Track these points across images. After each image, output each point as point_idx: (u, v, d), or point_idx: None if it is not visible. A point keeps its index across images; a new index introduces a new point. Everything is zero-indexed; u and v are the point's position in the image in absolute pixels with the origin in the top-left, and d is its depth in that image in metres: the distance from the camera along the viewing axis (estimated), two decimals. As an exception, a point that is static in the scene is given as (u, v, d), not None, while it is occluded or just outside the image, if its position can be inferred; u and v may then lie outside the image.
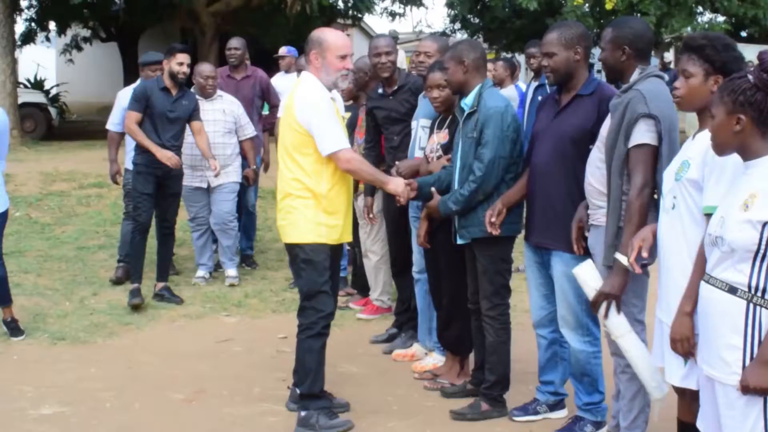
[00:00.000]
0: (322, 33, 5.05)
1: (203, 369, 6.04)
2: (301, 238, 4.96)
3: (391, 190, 5.11)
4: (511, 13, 20.60)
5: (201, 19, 17.37)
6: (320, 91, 4.93)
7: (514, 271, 8.34)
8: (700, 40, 3.68)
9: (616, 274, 4.15)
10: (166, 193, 7.68)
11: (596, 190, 4.42)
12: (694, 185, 3.56)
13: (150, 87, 7.57)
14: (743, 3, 19.00)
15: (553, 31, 4.79)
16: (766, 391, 3.08)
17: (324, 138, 4.84)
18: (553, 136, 4.76)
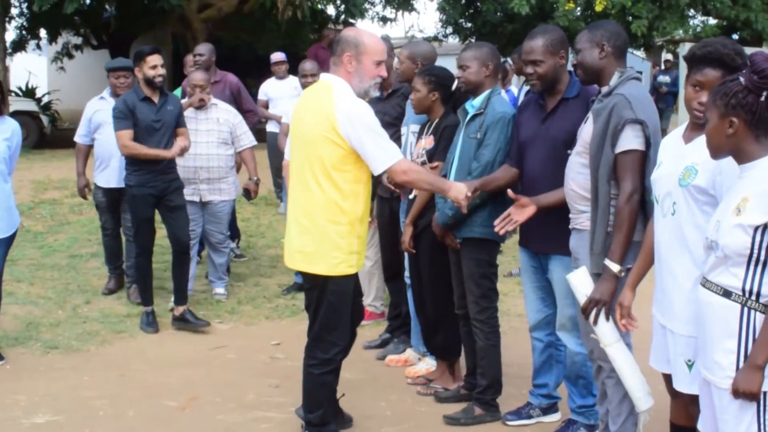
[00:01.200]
0: (358, 34, 4.59)
1: (196, 376, 6.04)
2: (334, 270, 4.51)
3: (453, 197, 4.64)
4: (502, 17, 20.61)
5: (192, 25, 17.37)
6: (361, 101, 4.49)
7: (506, 275, 8.44)
8: (723, 49, 3.62)
9: (606, 280, 4.15)
10: (171, 208, 7.08)
11: (578, 195, 4.41)
12: (701, 192, 3.55)
13: (130, 100, 6.94)
14: (735, 5, 19.05)
15: (536, 38, 4.75)
16: (756, 395, 3.10)
17: (376, 153, 4.39)
18: (546, 142, 4.77)
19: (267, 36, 18.46)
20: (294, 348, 6.60)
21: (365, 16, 20.84)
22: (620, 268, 4.12)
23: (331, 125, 4.35)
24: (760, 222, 3.09)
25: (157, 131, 6.98)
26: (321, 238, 4.48)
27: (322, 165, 4.42)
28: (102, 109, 7.71)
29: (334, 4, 19.54)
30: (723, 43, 3.68)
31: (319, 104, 4.46)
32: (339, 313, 4.61)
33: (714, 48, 3.65)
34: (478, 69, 5.10)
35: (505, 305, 7.42)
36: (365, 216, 4.61)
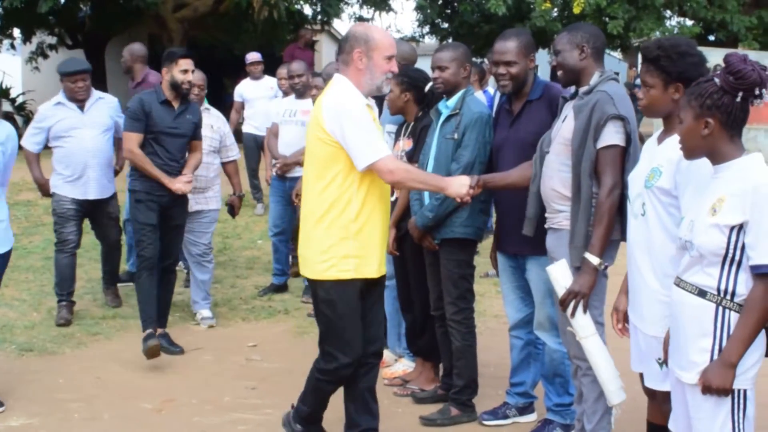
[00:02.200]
0: (368, 30, 4.41)
1: (172, 378, 6.02)
2: (321, 273, 4.28)
3: (453, 194, 4.41)
4: (480, 18, 20.68)
5: (168, 25, 17.29)
6: (353, 96, 4.27)
7: (483, 276, 8.46)
8: (655, 51, 3.70)
9: (585, 273, 4.18)
10: (170, 225, 6.61)
11: (558, 194, 4.43)
12: (665, 193, 3.59)
13: (148, 101, 6.41)
14: (711, 7, 19.19)
15: (509, 39, 4.82)
16: (727, 392, 3.13)
17: (359, 148, 4.15)
18: (514, 145, 4.83)
19: (244, 36, 18.42)
20: (270, 350, 6.63)
21: (341, 16, 20.82)
22: (600, 261, 4.16)
23: (319, 123, 4.23)
24: (735, 222, 3.11)
25: (171, 139, 6.49)
26: (312, 239, 4.30)
27: (314, 164, 4.29)
28: (66, 117, 7.13)
29: (310, 5, 19.50)
30: (667, 45, 3.73)
31: (316, 105, 4.38)
32: (334, 323, 4.32)
33: (650, 48, 3.74)
34: (456, 70, 5.13)
35: (482, 306, 7.44)
36: (369, 219, 4.29)
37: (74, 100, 7.13)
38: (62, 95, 7.20)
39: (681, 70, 3.64)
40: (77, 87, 7.06)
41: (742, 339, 3.12)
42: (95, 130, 7.17)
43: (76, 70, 7.11)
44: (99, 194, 7.22)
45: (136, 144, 6.36)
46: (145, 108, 6.37)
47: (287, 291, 8.29)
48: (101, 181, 7.19)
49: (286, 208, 8.06)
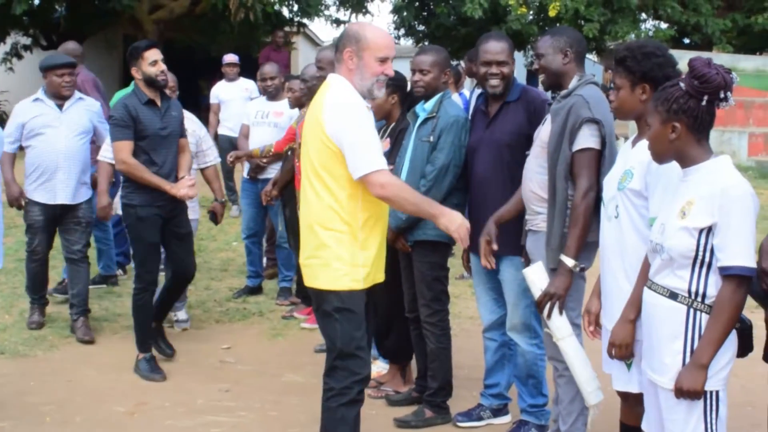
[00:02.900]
0: (361, 28, 4.16)
1: (145, 381, 5.97)
2: (336, 283, 4.01)
3: (443, 226, 4.01)
4: (456, 21, 20.75)
5: (144, 26, 17.21)
6: (355, 98, 4.05)
7: (458, 278, 8.45)
8: (622, 52, 3.74)
9: (561, 275, 4.21)
10: (178, 235, 6.22)
11: (536, 196, 4.45)
12: (637, 195, 3.62)
13: (131, 104, 5.95)
14: (686, 10, 19.34)
15: (501, 40, 4.90)
16: (699, 394, 3.14)
17: (356, 156, 3.91)
18: (489, 146, 4.85)
19: (220, 38, 18.36)
20: (244, 352, 6.60)
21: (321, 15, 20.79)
22: (575, 263, 4.18)
23: (320, 126, 3.98)
24: (704, 224, 3.13)
25: (164, 140, 6.07)
26: (321, 247, 4.02)
27: (314, 167, 4.04)
28: (42, 113, 6.76)
29: (287, 6, 19.46)
30: (633, 46, 3.77)
31: (315, 106, 4.11)
32: (349, 335, 4.03)
33: (618, 50, 3.78)
34: (438, 75, 5.14)
35: (457, 308, 7.45)
36: (374, 227, 4.09)
37: (56, 96, 6.75)
38: (42, 92, 6.84)
39: (646, 70, 3.67)
40: (64, 81, 6.70)
41: (713, 340, 3.14)
42: (70, 131, 6.77)
43: (62, 63, 6.79)
44: (69, 199, 6.79)
45: (129, 153, 5.91)
46: (132, 112, 5.90)
47: (262, 293, 8.25)
48: (72, 185, 6.77)
49: (258, 210, 8.03)
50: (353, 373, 4.07)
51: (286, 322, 7.39)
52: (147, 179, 5.92)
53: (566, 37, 4.48)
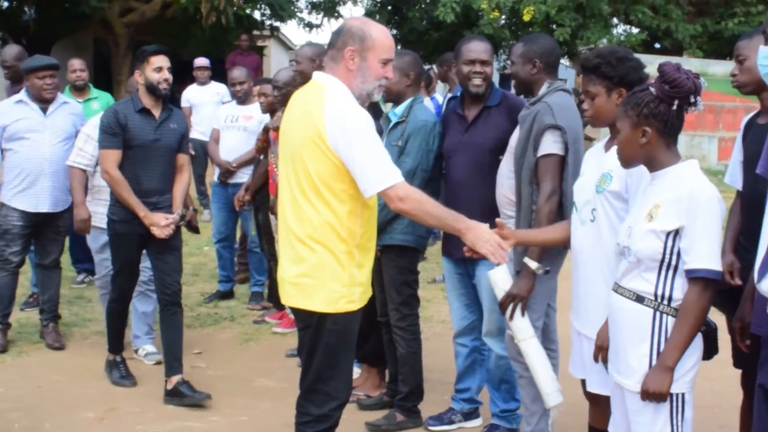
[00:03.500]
0: (365, 25, 3.78)
1: (115, 387, 5.92)
2: (333, 306, 3.69)
3: (471, 241, 3.72)
4: (428, 25, 20.79)
5: (114, 29, 17.12)
6: (356, 104, 3.70)
7: (430, 282, 8.47)
8: (594, 60, 3.75)
9: (524, 277, 4.24)
10: (163, 249, 5.74)
11: (508, 200, 4.50)
12: (617, 197, 3.63)
13: (123, 111, 5.58)
14: (656, 15, 19.49)
15: (483, 41, 4.94)
16: (665, 396, 3.17)
17: (366, 170, 3.57)
18: (471, 150, 4.85)
19: (192, 41, 18.27)
20: (216, 357, 6.57)
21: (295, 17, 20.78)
22: (538, 265, 4.21)
23: (318, 134, 3.58)
24: (671, 228, 3.16)
25: (154, 154, 5.65)
26: (317, 266, 3.68)
27: (311, 180, 3.64)
28: (26, 117, 6.51)
29: (259, 10, 19.42)
30: (605, 52, 3.79)
31: (308, 109, 3.68)
32: (338, 358, 3.76)
33: (589, 58, 3.79)
34: (399, 79, 5.10)
35: (428, 311, 7.46)
36: (368, 244, 3.82)
37: (39, 99, 6.52)
38: (25, 94, 6.59)
39: (622, 75, 3.69)
40: (45, 84, 6.46)
41: (679, 343, 3.16)
42: (55, 136, 6.57)
43: (44, 64, 6.57)
44: (52, 207, 6.58)
45: (115, 164, 5.55)
46: (120, 120, 5.54)
47: (233, 298, 8.23)
48: (55, 193, 6.56)
49: (230, 214, 8.02)
50: (333, 397, 3.79)
51: (257, 327, 7.37)
52: (125, 198, 5.55)
53: (537, 47, 4.52)
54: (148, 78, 5.58)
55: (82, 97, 8.30)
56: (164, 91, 5.62)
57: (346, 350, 3.81)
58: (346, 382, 3.87)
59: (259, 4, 19.14)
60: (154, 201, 5.66)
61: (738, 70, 3.92)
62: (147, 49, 5.71)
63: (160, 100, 5.67)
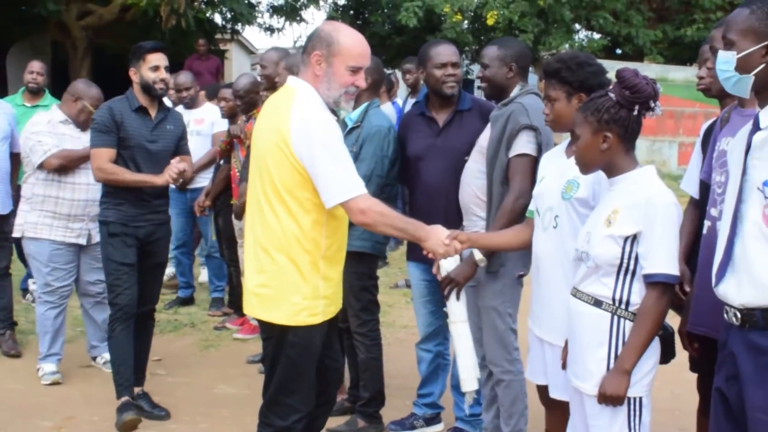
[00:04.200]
0: (334, 30, 3.70)
1: (72, 395, 5.86)
2: (293, 319, 3.63)
3: (431, 248, 3.77)
4: (391, 29, 20.76)
5: (72, 32, 16.87)
6: (324, 112, 3.63)
7: (392, 287, 8.46)
8: (554, 65, 3.77)
9: (466, 264, 4.27)
10: (149, 264, 5.49)
11: (478, 200, 4.49)
12: (583, 204, 3.62)
13: (118, 109, 5.29)
14: (617, 21, 19.64)
15: (451, 45, 4.93)
16: (621, 400, 3.18)
17: (328, 181, 3.51)
18: (445, 154, 4.82)
19: (151, 46, 18.10)
20: (175, 364, 6.51)
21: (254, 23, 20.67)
22: (482, 258, 4.26)
23: (284, 140, 3.52)
24: (629, 233, 3.17)
25: (151, 155, 5.37)
26: (279, 277, 3.62)
27: (275, 188, 3.58)
28: None
29: (219, 13, 19.31)
30: (566, 57, 3.82)
31: (276, 114, 3.63)
32: (300, 370, 3.70)
33: (550, 63, 3.81)
34: None
35: (390, 317, 7.44)
36: (337, 254, 3.78)
37: None
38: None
39: (582, 80, 3.71)
40: None
41: (636, 347, 3.17)
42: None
43: None
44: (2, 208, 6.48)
45: (107, 160, 5.23)
46: (116, 117, 5.24)
47: (193, 304, 8.17)
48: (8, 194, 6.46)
49: (187, 220, 7.97)
50: (295, 410, 3.72)
51: (218, 333, 7.32)
52: (127, 180, 5.25)
53: (513, 51, 4.53)
54: (143, 77, 5.30)
55: (32, 102, 7.93)
56: (160, 91, 5.36)
57: (309, 363, 3.73)
58: (309, 394, 3.79)
59: (220, 7, 19.02)
60: (153, 204, 5.43)
61: (704, 72, 3.92)
62: (144, 45, 5.41)
63: (156, 100, 5.42)
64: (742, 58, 2.78)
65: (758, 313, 2.74)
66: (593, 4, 19.12)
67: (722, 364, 2.94)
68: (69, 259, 6.07)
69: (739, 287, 2.80)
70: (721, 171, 3.45)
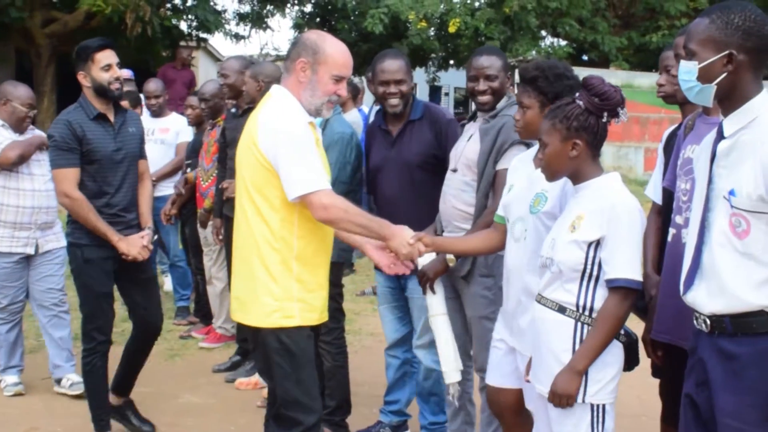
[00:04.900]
0: (320, 39, 3.71)
1: (36, 406, 5.78)
2: (265, 320, 3.57)
3: (395, 247, 3.72)
4: (357, 36, 20.79)
5: (36, 40, 16.73)
6: (294, 112, 3.62)
7: (359, 294, 8.44)
8: (533, 72, 3.74)
9: (438, 260, 4.30)
10: (139, 280, 5.13)
11: (462, 213, 4.45)
12: (551, 217, 3.61)
13: (77, 121, 4.84)
14: (583, 28, 19.79)
15: (398, 58, 4.86)
16: (572, 398, 3.19)
17: (291, 176, 3.48)
18: (397, 166, 4.83)
19: (117, 53, 17.97)
20: (141, 373, 6.39)
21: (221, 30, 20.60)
22: (452, 257, 4.30)
23: (253, 139, 3.57)
24: (593, 238, 3.19)
25: (119, 166, 4.97)
26: (251, 279, 3.60)
27: (246, 190, 3.60)
28: None
29: (186, 21, 19.22)
30: (545, 66, 3.79)
31: (250, 122, 3.68)
32: (296, 378, 3.59)
33: (528, 69, 3.79)
34: None
35: (357, 324, 7.42)
36: (314, 258, 3.67)
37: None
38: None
39: (558, 92, 3.68)
40: None
41: (591, 349, 3.19)
42: None
43: None
44: None
45: (74, 184, 4.83)
46: (76, 132, 4.80)
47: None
48: None
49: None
50: (297, 423, 3.60)
51: (183, 342, 7.26)
52: (92, 223, 4.82)
53: (506, 60, 4.55)
54: (95, 79, 4.86)
55: None
56: (117, 92, 4.91)
57: (301, 369, 3.59)
58: (307, 405, 3.63)
59: (186, 15, 18.94)
60: (127, 219, 5.04)
61: (664, 80, 3.93)
62: (89, 44, 4.97)
63: (111, 103, 4.97)
64: (704, 67, 2.79)
65: (727, 319, 2.76)
66: (559, 11, 19.25)
67: (692, 370, 2.95)
68: (18, 276, 5.83)
69: (707, 295, 2.81)
70: (686, 178, 3.47)
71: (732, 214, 2.73)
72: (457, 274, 4.41)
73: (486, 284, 4.39)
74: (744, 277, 2.71)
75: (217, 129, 6.77)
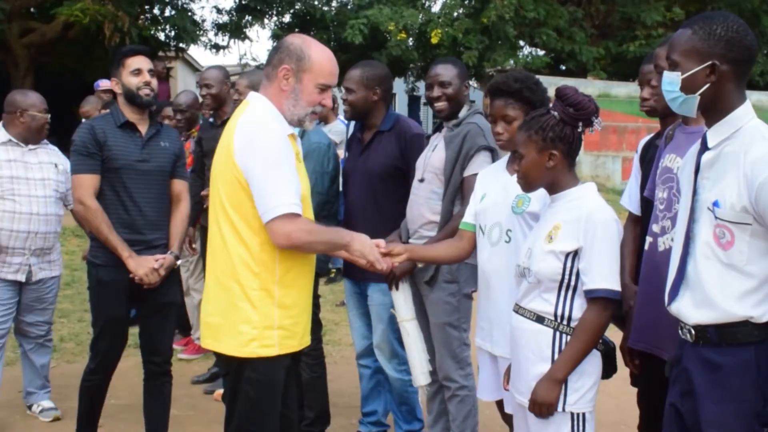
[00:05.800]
0: (305, 44, 3.46)
1: (13, 418, 5.75)
2: (241, 349, 3.32)
3: (357, 251, 3.49)
4: (337, 46, 20.81)
5: (14, 50, 16.67)
6: (273, 124, 3.34)
7: (339, 304, 8.41)
8: (515, 85, 3.76)
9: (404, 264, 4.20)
10: (156, 304, 4.76)
11: (427, 221, 4.48)
12: (535, 217, 3.62)
13: (100, 126, 4.63)
14: (561, 38, 19.90)
15: (356, 68, 4.90)
16: (551, 406, 3.20)
17: (261, 197, 3.24)
18: (362, 174, 4.90)
19: (95, 63, 17.90)
20: (118, 385, 6.34)
21: (198, 42, 20.58)
22: None
23: (228, 151, 3.31)
24: (570, 248, 3.20)
25: (144, 177, 4.66)
26: (227, 304, 3.34)
27: (223, 207, 3.33)
28: None
29: (164, 31, 19.19)
30: (522, 77, 3.83)
31: (227, 133, 3.40)
32: (262, 410, 3.37)
33: (508, 83, 3.80)
34: None
35: (337, 335, 7.39)
36: (296, 282, 3.41)
37: None
38: None
39: (541, 99, 3.74)
40: None
41: (571, 358, 3.20)
42: None
43: None
44: None
45: (92, 192, 4.55)
46: (98, 137, 4.57)
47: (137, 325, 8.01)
48: None
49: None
50: None
51: (162, 354, 7.20)
52: (103, 234, 4.52)
53: (464, 69, 4.61)
54: (125, 84, 4.65)
55: None
56: (147, 98, 4.66)
57: (271, 403, 3.39)
58: None
59: (164, 25, 18.91)
60: (148, 238, 4.68)
61: (648, 93, 3.88)
62: (122, 50, 4.81)
63: (145, 113, 4.74)
64: (687, 78, 2.79)
65: (711, 329, 2.76)
66: (536, 21, 19.36)
67: (676, 380, 2.96)
68: (8, 296, 5.46)
69: (692, 305, 2.82)
70: (663, 187, 3.48)
71: (716, 226, 2.73)
72: (419, 279, 4.44)
73: (450, 290, 4.42)
74: (728, 288, 2.72)
75: (191, 140, 6.74)
